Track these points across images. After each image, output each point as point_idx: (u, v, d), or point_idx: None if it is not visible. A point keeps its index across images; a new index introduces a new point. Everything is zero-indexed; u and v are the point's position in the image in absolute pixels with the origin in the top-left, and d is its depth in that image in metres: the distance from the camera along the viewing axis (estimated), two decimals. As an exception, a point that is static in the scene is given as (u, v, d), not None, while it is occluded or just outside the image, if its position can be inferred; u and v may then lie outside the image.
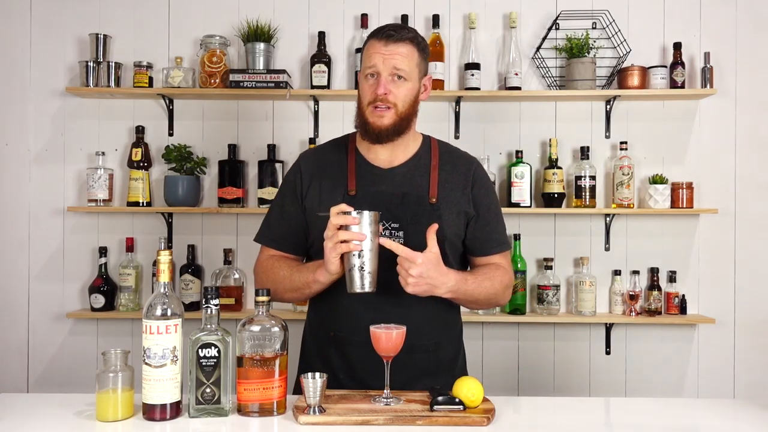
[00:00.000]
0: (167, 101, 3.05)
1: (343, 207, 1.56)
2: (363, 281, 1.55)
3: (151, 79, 3.00)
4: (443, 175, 1.78)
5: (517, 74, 2.97)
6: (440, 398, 1.45)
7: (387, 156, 1.78)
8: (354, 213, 1.54)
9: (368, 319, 1.57)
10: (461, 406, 1.45)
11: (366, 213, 1.54)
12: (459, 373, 1.82)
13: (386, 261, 1.64)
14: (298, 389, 1.61)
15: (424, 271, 1.56)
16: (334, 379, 1.70)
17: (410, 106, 1.73)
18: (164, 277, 1.45)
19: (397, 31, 1.70)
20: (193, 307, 2.93)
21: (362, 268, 1.55)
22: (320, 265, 1.63)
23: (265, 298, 1.49)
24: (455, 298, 1.69)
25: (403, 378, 1.65)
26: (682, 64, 2.96)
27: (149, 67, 3.00)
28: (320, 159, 1.84)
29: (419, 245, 1.68)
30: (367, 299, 1.66)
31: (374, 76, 1.70)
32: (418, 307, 1.72)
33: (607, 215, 3.04)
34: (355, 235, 1.53)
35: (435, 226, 1.61)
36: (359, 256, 1.54)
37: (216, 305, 1.46)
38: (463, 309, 3.04)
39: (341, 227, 1.55)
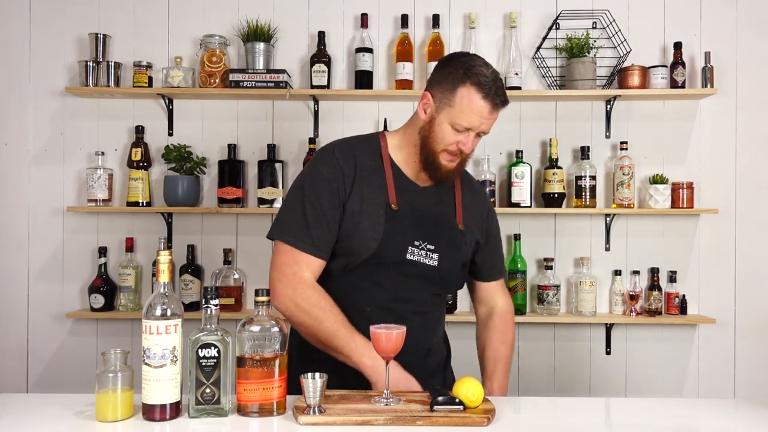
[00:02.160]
0: (167, 101, 3.05)
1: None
2: None
3: (150, 78, 3.00)
4: (465, 200, 1.83)
5: (517, 74, 2.96)
6: (440, 398, 1.45)
7: (421, 173, 1.77)
8: None
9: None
10: (461, 406, 1.44)
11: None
12: (449, 373, 1.89)
13: (415, 277, 1.70)
14: (294, 390, 1.60)
15: None
16: (343, 381, 1.67)
17: (473, 151, 1.77)
18: (164, 277, 1.44)
19: (501, 96, 1.65)
20: (193, 307, 2.93)
21: None
22: (373, 358, 1.58)
23: (264, 299, 1.49)
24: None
25: (419, 379, 1.66)
26: (683, 64, 2.96)
27: (149, 66, 3.00)
28: (359, 161, 1.73)
29: (449, 270, 1.76)
30: (388, 307, 1.70)
31: (464, 132, 1.66)
32: (433, 313, 1.80)
33: (607, 215, 3.04)
34: None
35: None
36: None
37: (216, 305, 1.45)
38: (462, 308, 3.04)
39: None
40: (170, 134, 3.08)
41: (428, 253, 1.72)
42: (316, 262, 1.68)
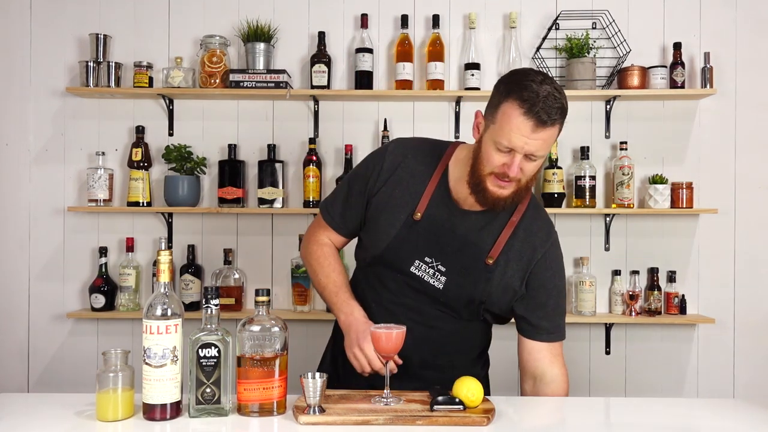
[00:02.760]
0: (167, 101, 3.05)
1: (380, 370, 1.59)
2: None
3: (151, 79, 3.00)
4: (513, 240, 1.67)
5: (517, 74, 2.96)
6: (440, 398, 1.45)
7: (472, 198, 1.65)
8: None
9: None
10: (461, 406, 1.45)
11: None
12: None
13: (420, 292, 1.68)
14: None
15: None
16: (364, 381, 1.68)
17: (534, 177, 1.60)
18: (164, 277, 1.45)
19: (550, 114, 1.49)
20: (193, 307, 2.93)
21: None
22: (347, 312, 1.69)
23: (265, 299, 1.49)
24: None
25: (412, 388, 1.64)
26: (682, 64, 2.96)
27: (149, 67, 3.00)
28: (406, 162, 1.71)
29: (455, 299, 1.67)
30: (390, 309, 1.69)
31: (508, 151, 1.53)
32: (441, 329, 1.72)
33: (607, 215, 3.04)
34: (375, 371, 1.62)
35: None
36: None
37: (216, 305, 1.46)
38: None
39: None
40: (170, 134, 3.08)
41: (436, 273, 1.66)
42: (333, 233, 1.83)
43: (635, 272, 2.98)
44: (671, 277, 2.99)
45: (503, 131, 1.51)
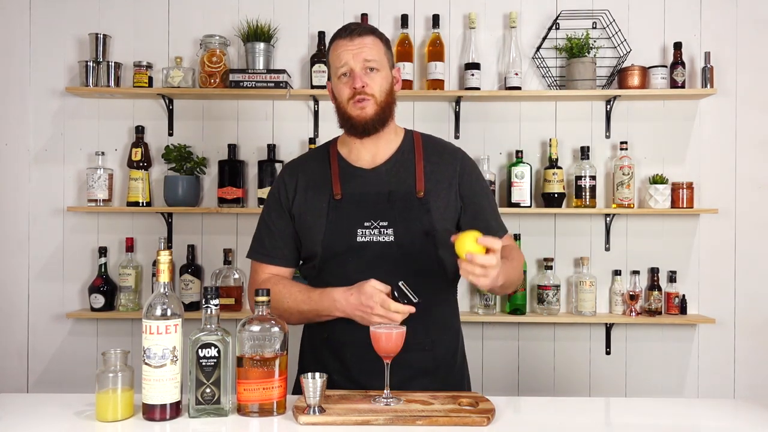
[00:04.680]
0: (167, 101, 3.05)
1: (392, 307, 1.55)
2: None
3: (150, 79, 3.00)
4: (429, 167, 1.78)
5: (517, 74, 2.97)
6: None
7: (369, 155, 1.78)
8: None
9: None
10: (415, 299, 1.54)
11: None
12: (458, 373, 1.82)
13: (375, 262, 1.69)
14: (298, 389, 1.61)
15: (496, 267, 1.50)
16: (329, 381, 1.68)
17: (388, 95, 1.74)
18: (164, 277, 1.44)
19: (359, 26, 1.75)
20: (193, 307, 2.93)
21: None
22: (334, 297, 1.64)
23: (264, 298, 1.49)
24: (496, 286, 1.59)
25: (400, 377, 1.63)
26: (683, 64, 2.96)
27: (149, 67, 3.00)
28: (303, 168, 1.84)
29: (409, 242, 1.71)
30: None
31: (347, 74, 1.72)
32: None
33: (607, 215, 3.04)
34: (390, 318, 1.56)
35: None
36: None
37: (216, 305, 1.45)
38: (462, 308, 3.03)
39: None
40: (170, 134, 3.08)
41: (382, 230, 1.71)
42: (273, 269, 1.81)
43: (636, 272, 2.98)
44: (672, 277, 2.99)
45: (335, 62, 1.73)
